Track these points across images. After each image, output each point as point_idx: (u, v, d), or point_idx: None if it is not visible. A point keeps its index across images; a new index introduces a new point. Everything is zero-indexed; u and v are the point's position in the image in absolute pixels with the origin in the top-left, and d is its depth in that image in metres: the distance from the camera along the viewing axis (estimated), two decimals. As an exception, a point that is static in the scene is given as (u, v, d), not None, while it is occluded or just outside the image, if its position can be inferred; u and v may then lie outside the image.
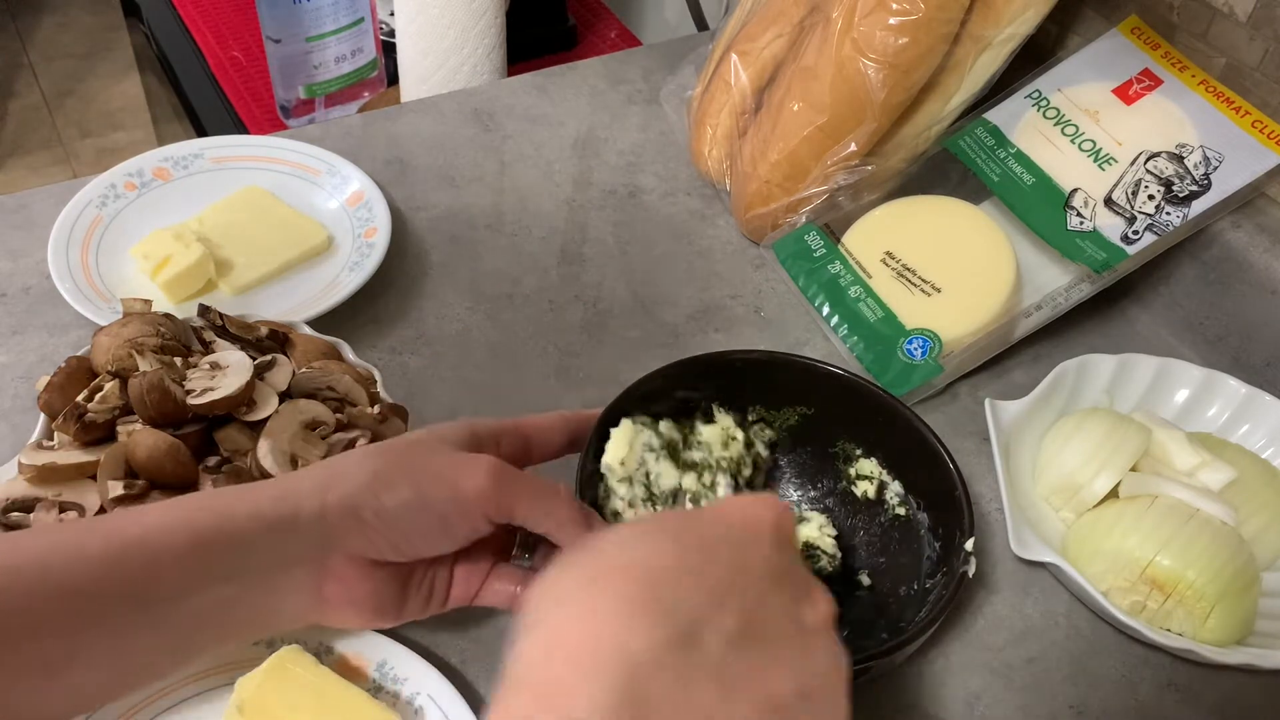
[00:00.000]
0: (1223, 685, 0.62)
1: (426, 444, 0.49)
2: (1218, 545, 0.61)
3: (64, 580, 0.41)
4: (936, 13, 0.74)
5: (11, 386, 0.72)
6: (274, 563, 0.46)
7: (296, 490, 0.46)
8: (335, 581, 0.47)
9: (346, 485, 0.46)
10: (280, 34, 1.14)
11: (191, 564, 0.44)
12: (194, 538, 0.44)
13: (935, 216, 0.80)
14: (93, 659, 0.42)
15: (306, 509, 0.46)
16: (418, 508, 0.47)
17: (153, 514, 0.44)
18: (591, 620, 0.34)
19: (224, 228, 0.81)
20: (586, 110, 0.99)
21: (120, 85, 2.55)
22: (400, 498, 0.46)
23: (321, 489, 0.46)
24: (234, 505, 0.45)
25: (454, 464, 0.48)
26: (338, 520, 0.46)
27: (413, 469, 0.47)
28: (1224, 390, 0.73)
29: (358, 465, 0.47)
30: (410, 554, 0.48)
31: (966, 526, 0.57)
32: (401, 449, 0.48)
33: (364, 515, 0.46)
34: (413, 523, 0.47)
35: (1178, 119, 0.78)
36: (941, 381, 0.75)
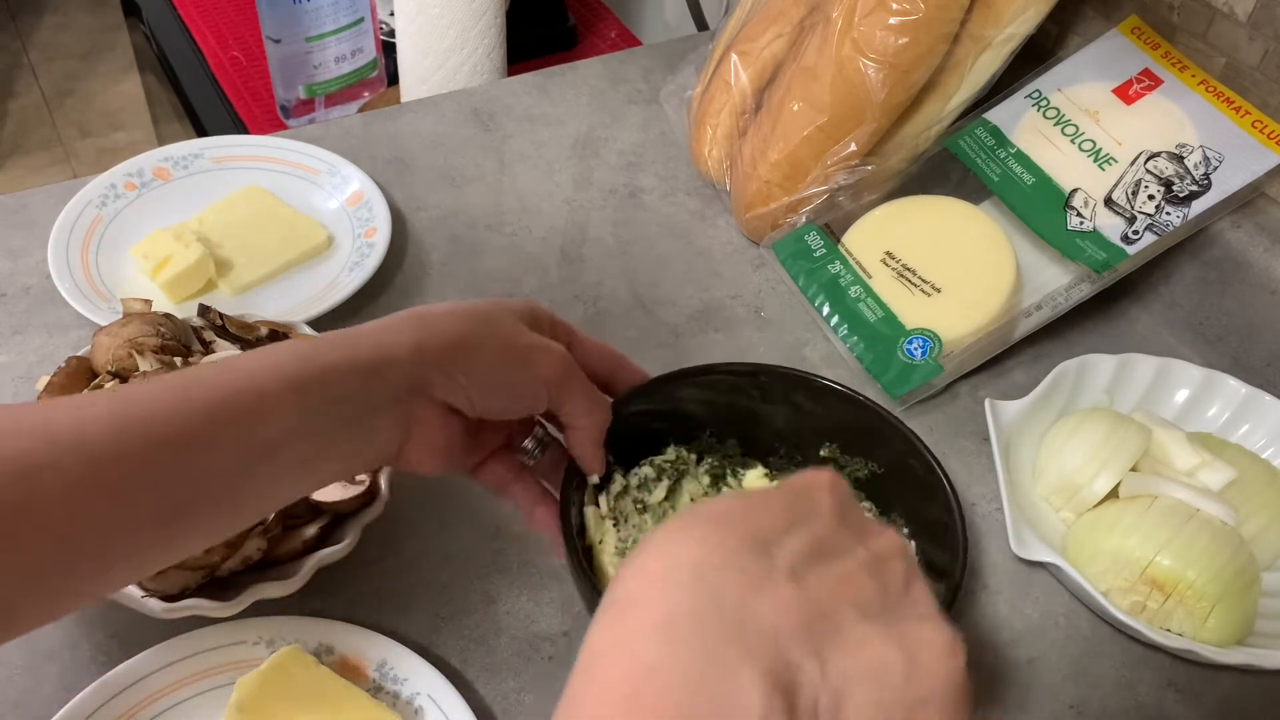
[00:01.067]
0: (1223, 685, 0.62)
1: (506, 318, 0.52)
2: (1218, 545, 0.61)
3: (169, 431, 0.42)
4: (936, 13, 0.74)
5: (11, 386, 0.72)
6: (369, 407, 0.48)
7: (392, 341, 0.48)
8: (419, 426, 0.50)
9: (437, 338, 0.49)
10: (280, 34, 1.14)
11: (292, 409, 0.45)
12: (294, 382, 0.45)
13: (935, 216, 0.80)
14: (205, 506, 0.44)
15: (400, 355, 0.48)
16: (497, 374, 0.51)
17: (253, 363, 0.46)
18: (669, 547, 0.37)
19: (224, 228, 0.81)
20: (586, 110, 0.99)
21: (120, 85, 2.55)
22: (485, 363, 0.50)
23: (416, 341, 0.48)
24: (330, 353, 0.47)
25: (533, 345, 0.51)
26: (428, 371, 0.49)
27: (498, 339, 0.51)
28: (1224, 390, 0.73)
29: (450, 324, 0.50)
30: (481, 412, 0.51)
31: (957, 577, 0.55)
32: (487, 317, 0.51)
33: (453, 372, 0.49)
34: (491, 386, 0.51)
35: (1178, 119, 0.78)
36: (941, 381, 0.75)
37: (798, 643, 0.34)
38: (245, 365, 0.45)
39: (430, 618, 0.61)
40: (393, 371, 0.48)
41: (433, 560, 0.64)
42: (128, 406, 0.42)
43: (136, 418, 0.42)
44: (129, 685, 0.55)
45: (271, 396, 0.44)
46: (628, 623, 0.35)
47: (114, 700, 0.55)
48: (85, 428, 0.40)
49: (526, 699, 0.59)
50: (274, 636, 0.58)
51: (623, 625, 0.35)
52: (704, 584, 0.35)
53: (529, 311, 0.54)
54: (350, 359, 0.47)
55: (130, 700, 0.55)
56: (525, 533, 0.66)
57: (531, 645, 0.61)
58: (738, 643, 0.34)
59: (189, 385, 0.44)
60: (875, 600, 0.37)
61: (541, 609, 0.62)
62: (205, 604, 0.55)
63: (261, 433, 0.44)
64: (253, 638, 0.58)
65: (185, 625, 0.56)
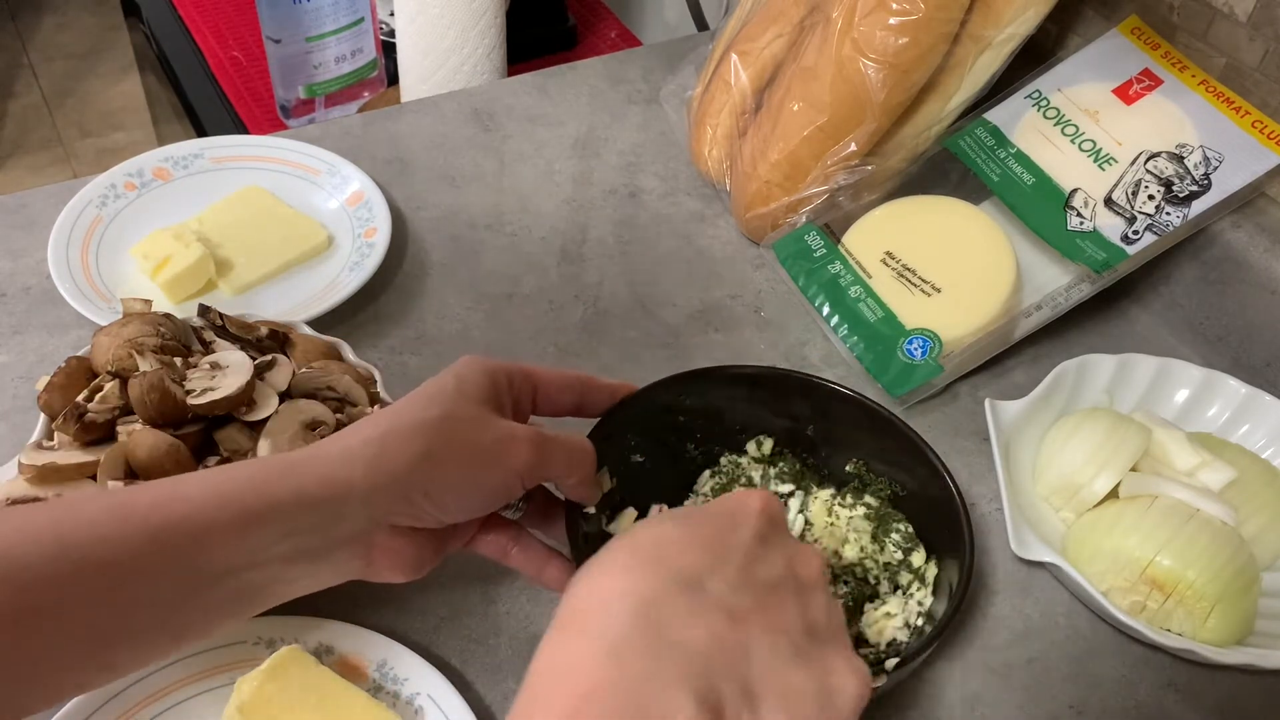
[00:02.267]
0: (1223, 685, 0.62)
1: (465, 415, 0.49)
2: (1218, 545, 0.61)
3: (110, 555, 0.42)
4: (936, 13, 0.74)
5: (11, 386, 0.72)
6: (321, 540, 0.46)
7: (346, 474, 0.46)
8: (380, 550, 0.49)
9: (396, 465, 0.47)
10: (280, 34, 1.13)
11: (237, 542, 0.44)
12: (240, 517, 0.44)
13: (935, 216, 0.80)
14: (140, 630, 0.43)
15: (356, 490, 0.46)
16: (464, 485, 0.49)
17: (196, 489, 0.45)
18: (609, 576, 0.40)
19: (224, 228, 0.81)
20: (586, 110, 0.99)
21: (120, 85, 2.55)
22: (450, 479, 0.48)
23: (370, 472, 0.47)
24: (279, 485, 0.45)
25: (497, 440, 0.49)
26: (385, 502, 0.47)
27: (460, 448, 0.48)
28: (1224, 390, 0.73)
29: (407, 442, 0.47)
30: (451, 521, 0.50)
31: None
32: (445, 426, 0.49)
33: (413, 496, 0.48)
34: (459, 498, 0.49)
35: (1178, 119, 0.78)
36: (941, 381, 0.75)
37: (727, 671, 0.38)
38: (190, 492, 0.44)
39: (430, 618, 0.61)
40: (344, 511, 0.46)
41: (433, 560, 0.64)
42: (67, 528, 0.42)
43: (71, 543, 0.41)
44: (129, 685, 0.55)
45: (216, 528, 0.43)
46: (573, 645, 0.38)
47: (114, 700, 0.55)
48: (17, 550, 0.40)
49: (526, 699, 0.58)
50: (274, 636, 0.58)
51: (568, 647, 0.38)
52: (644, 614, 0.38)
53: (488, 382, 0.51)
54: (299, 494, 0.45)
55: (130, 700, 0.55)
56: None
57: (531, 645, 0.60)
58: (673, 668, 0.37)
59: (131, 509, 0.43)
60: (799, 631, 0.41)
61: (541, 609, 0.62)
62: (205, 604, 0.55)
63: (205, 564, 0.43)
64: (253, 638, 0.58)
65: (185, 625, 0.56)
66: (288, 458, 0.47)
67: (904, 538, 0.62)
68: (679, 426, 0.65)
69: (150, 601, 0.43)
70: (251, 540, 0.44)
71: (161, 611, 0.43)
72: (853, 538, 0.62)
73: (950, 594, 0.57)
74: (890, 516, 0.63)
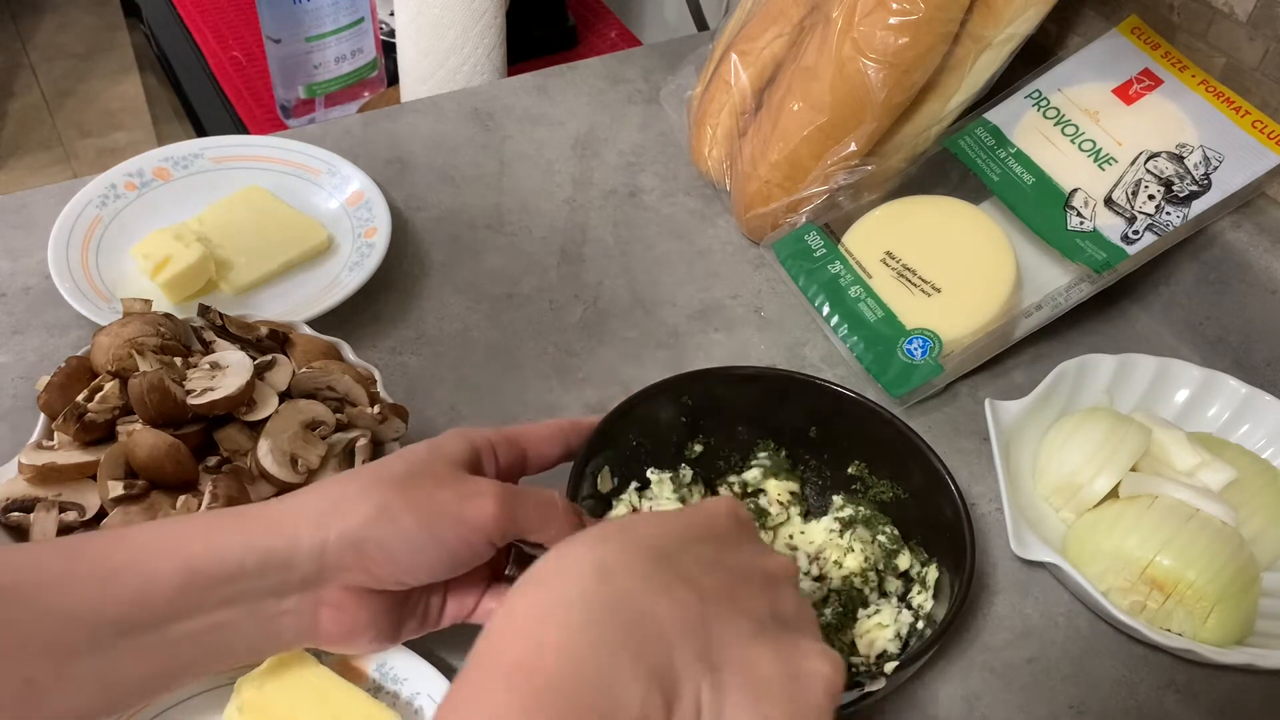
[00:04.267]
0: (1223, 685, 0.62)
1: (430, 472, 0.48)
2: (1218, 545, 0.61)
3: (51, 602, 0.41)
4: (936, 13, 0.74)
5: (11, 386, 0.72)
6: (268, 594, 0.45)
7: (294, 523, 0.45)
8: (331, 609, 0.47)
9: (349, 520, 0.45)
10: (280, 34, 1.14)
11: (182, 593, 0.43)
12: (185, 567, 0.43)
13: (935, 216, 0.80)
14: (80, 682, 0.42)
15: (305, 544, 0.45)
16: (424, 541, 0.46)
17: (142, 538, 0.44)
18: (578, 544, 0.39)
19: (224, 228, 0.81)
20: (586, 110, 0.99)
21: (120, 85, 2.55)
22: (406, 533, 0.46)
23: (321, 523, 0.45)
24: (227, 536, 0.44)
25: (459, 495, 0.47)
26: (337, 555, 0.45)
27: (418, 502, 0.46)
28: (1224, 390, 0.73)
29: (361, 496, 0.46)
30: (411, 583, 0.48)
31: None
32: (404, 479, 0.47)
33: (367, 550, 0.46)
34: (418, 555, 0.47)
35: (1178, 119, 0.78)
36: (941, 381, 0.75)
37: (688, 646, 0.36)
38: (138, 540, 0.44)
39: (430, 618, 0.61)
40: (290, 563, 0.45)
41: (433, 560, 0.64)
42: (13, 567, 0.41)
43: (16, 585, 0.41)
44: (129, 685, 0.55)
45: (159, 577, 0.43)
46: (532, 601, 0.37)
47: (114, 700, 0.55)
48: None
49: (526, 699, 0.58)
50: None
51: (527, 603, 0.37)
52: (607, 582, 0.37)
53: (467, 447, 0.50)
54: (245, 546, 0.44)
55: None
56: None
57: (531, 645, 0.61)
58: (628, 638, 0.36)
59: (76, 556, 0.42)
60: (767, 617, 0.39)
61: (541, 609, 0.62)
62: (205, 604, 0.55)
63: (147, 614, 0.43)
64: (253, 638, 0.57)
65: (185, 625, 0.56)
66: (240, 509, 0.46)
67: (889, 539, 0.62)
68: (680, 427, 0.65)
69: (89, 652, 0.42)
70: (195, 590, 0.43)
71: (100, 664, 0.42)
72: (858, 546, 0.62)
73: (951, 597, 0.57)
74: (876, 519, 0.63)
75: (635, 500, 0.63)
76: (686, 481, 0.64)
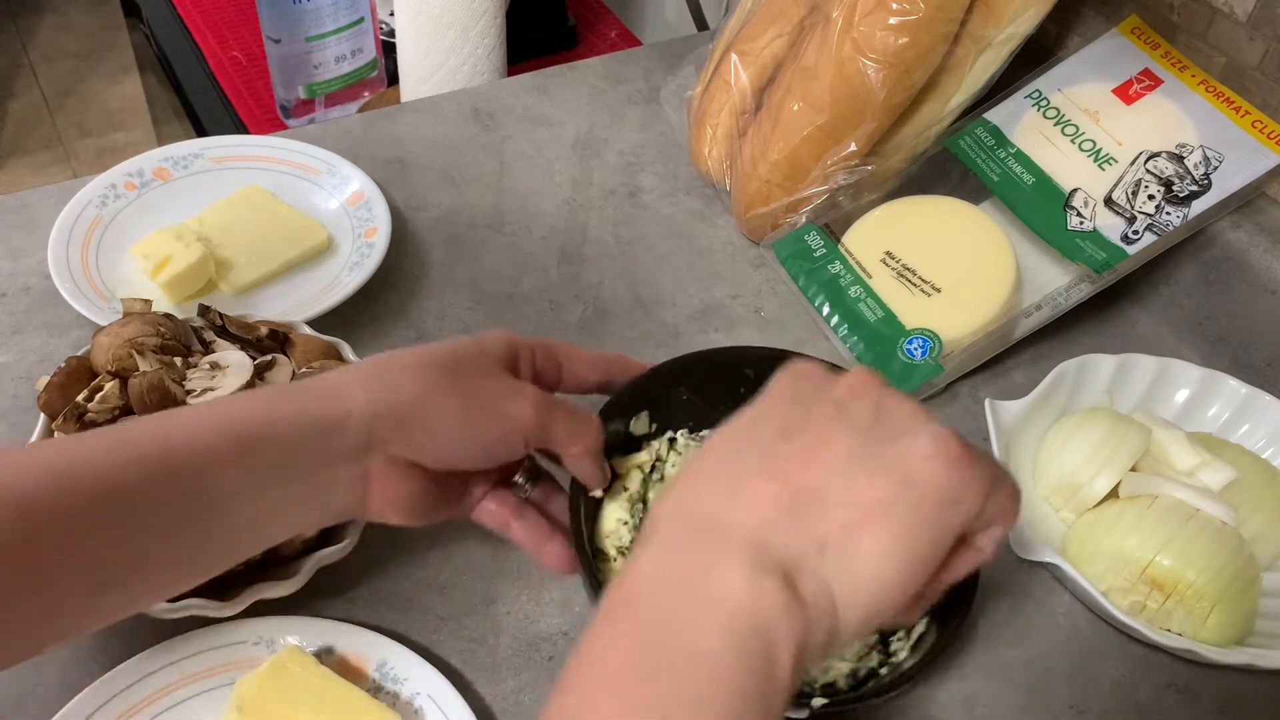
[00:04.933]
0: (1223, 685, 0.62)
1: (475, 364, 0.50)
2: (1218, 545, 0.61)
3: (114, 485, 0.41)
4: (936, 13, 0.74)
5: (11, 386, 0.72)
6: (320, 464, 0.46)
7: (345, 396, 0.46)
8: (378, 482, 0.48)
9: (396, 394, 0.47)
10: (280, 34, 1.13)
11: (239, 469, 0.44)
12: (240, 442, 0.44)
13: (935, 216, 0.80)
14: (147, 564, 0.43)
15: (356, 415, 0.46)
16: (463, 428, 0.48)
17: (196, 418, 0.45)
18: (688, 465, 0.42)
19: (224, 228, 0.81)
20: (586, 110, 0.99)
21: (120, 85, 2.55)
22: (448, 417, 0.48)
23: (371, 397, 0.47)
24: (278, 408, 0.45)
25: (501, 391, 0.49)
26: (385, 428, 0.47)
27: (463, 389, 0.48)
28: (1224, 390, 0.73)
29: (410, 377, 0.48)
30: (448, 466, 0.50)
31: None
32: (452, 366, 0.49)
33: (411, 427, 0.47)
34: (456, 438, 0.48)
35: (1178, 119, 0.78)
36: (941, 381, 0.75)
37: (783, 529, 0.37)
38: (191, 420, 0.44)
39: (430, 618, 0.61)
40: (344, 430, 0.46)
41: (433, 560, 0.64)
42: (67, 462, 0.41)
43: (76, 474, 0.41)
44: (129, 685, 0.55)
45: (217, 454, 0.43)
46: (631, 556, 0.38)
47: (114, 700, 0.55)
48: (24, 484, 0.40)
49: (526, 699, 0.59)
50: (274, 636, 0.58)
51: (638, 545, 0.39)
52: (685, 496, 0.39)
53: (507, 348, 0.52)
54: (298, 416, 0.45)
55: (130, 700, 0.55)
56: (525, 533, 0.66)
57: (531, 645, 0.61)
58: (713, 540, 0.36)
59: (131, 440, 0.43)
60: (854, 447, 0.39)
61: (541, 609, 0.62)
62: (205, 604, 0.55)
63: (207, 491, 0.43)
64: (253, 638, 0.58)
65: (185, 625, 0.56)
66: (288, 385, 0.48)
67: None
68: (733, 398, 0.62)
69: (156, 532, 0.43)
70: (251, 464, 0.44)
71: (167, 542, 0.43)
72: None
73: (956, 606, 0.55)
74: None
75: (664, 450, 0.61)
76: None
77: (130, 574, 0.43)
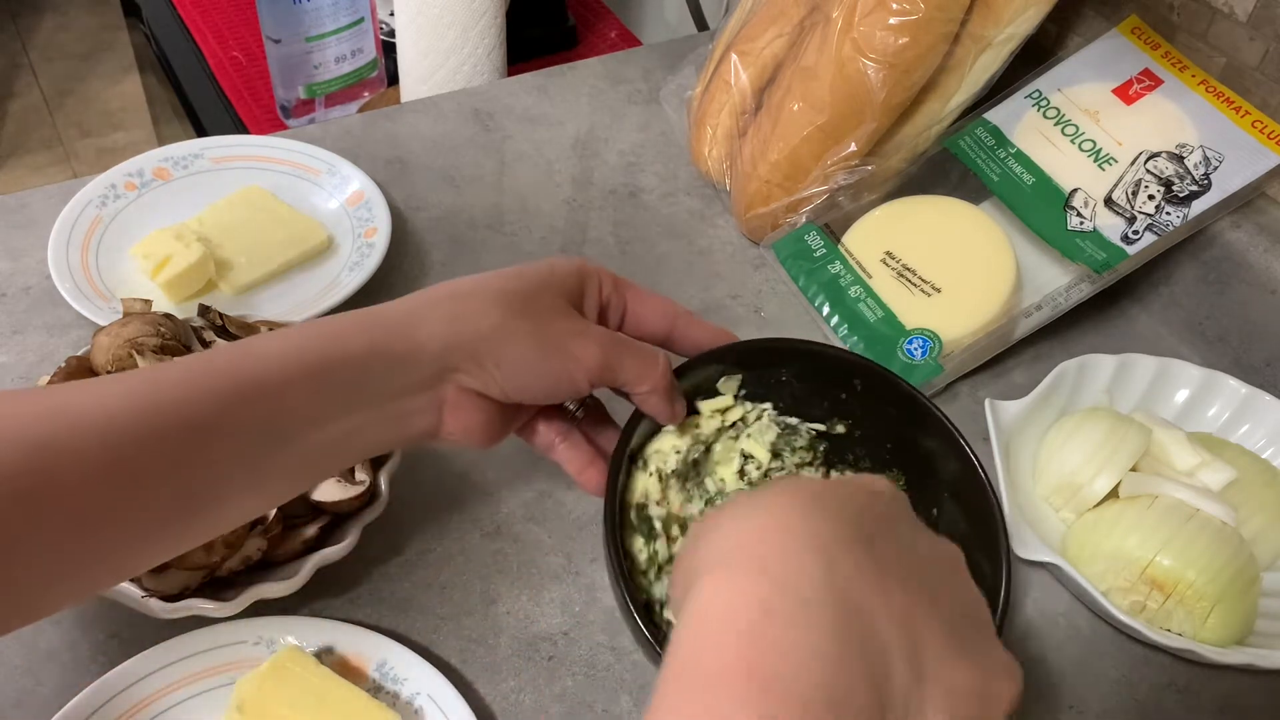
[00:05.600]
0: (1223, 685, 0.62)
1: (545, 300, 0.50)
2: (1218, 545, 0.61)
3: (193, 414, 0.42)
4: (936, 13, 0.74)
5: (11, 386, 0.72)
6: (394, 392, 0.47)
7: (417, 327, 0.47)
8: (450, 410, 0.49)
9: (469, 328, 0.48)
10: (280, 34, 1.14)
11: (314, 397, 0.45)
12: (315, 368, 0.45)
13: (935, 216, 0.80)
14: (228, 489, 0.44)
15: (429, 345, 0.47)
16: (532, 366, 0.49)
17: (272, 346, 0.45)
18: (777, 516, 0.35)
19: (224, 228, 0.81)
20: (586, 110, 0.99)
21: (120, 85, 2.55)
22: (519, 353, 0.48)
23: (444, 330, 0.47)
24: (353, 336, 0.46)
25: (570, 330, 0.50)
26: (457, 359, 0.48)
27: (533, 329, 0.49)
28: (1224, 390, 0.73)
29: (482, 310, 0.48)
30: (515, 398, 0.50)
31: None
32: (523, 301, 0.49)
33: (484, 361, 0.48)
34: (525, 375, 0.49)
35: (1178, 119, 0.78)
36: (941, 381, 0.75)
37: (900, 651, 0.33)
38: (266, 349, 0.45)
39: (430, 618, 0.61)
40: (418, 361, 0.47)
41: (433, 560, 0.64)
42: (148, 391, 0.42)
43: (156, 403, 0.41)
44: (129, 685, 0.55)
45: (293, 383, 0.44)
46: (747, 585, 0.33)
47: (114, 700, 0.55)
48: (107, 411, 0.40)
49: (526, 699, 0.59)
50: (274, 636, 0.58)
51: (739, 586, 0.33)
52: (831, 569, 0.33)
53: (575, 278, 0.52)
54: (373, 346, 0.46)
55: (130, 700, 0.55)
56: (525, 533, 0.66)
57: (531, 645, 0.61)
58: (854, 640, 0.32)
59: (209, 371, 0.43)
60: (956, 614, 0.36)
61: (541, 609, 0.62)
62: (205, 604, 0.55)
63: (283, 419, 0.44)
64: (253, 638, 0.57)
65: (185, 625, 0.56)
66: (364, 311, 0.48)
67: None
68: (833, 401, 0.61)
69: (235, 459, 0.43)
70: (327, 391, 0.45)
71: (247, 470, 0.44)
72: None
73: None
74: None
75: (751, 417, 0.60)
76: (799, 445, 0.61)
77: (209, 502, 0.43)
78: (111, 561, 0.41)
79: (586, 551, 0.65)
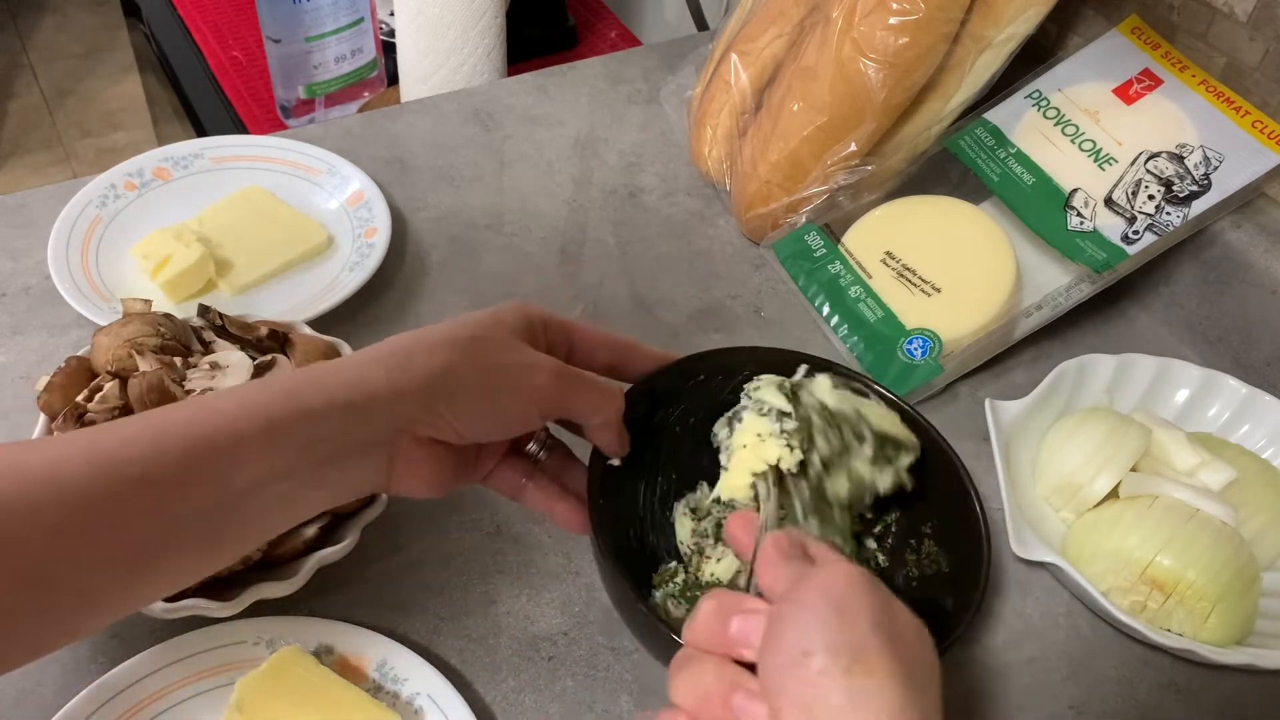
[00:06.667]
0: (1223, 685, 0.62)
1: (492, 338, 0.50)
2: (1218, 545, 0.61)
3: (148, 471, 0.42)
4: (936, 12, 0.74)
5: (11, 386, 0.72)
6: (349, 449, 0.47)
7: (370, 378, 0.47)
8: (402, 460, 0.49)
9: (418, 372, 0.48)
10: (280, 34, 1.13)
11: (267, 452, 0.45)
12: (268, 426, 0.45)
13: (935, 216, 0.80)
14: (181, 545, 0.43)
15: (380, 395, 0.47)
16: (482, 403, 0.49)
17: (227, 403, 0.45)
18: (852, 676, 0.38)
19: (224, 228, 0.81)
20: (586, 110, 0.99)
21: (120, 85, 2.55)
22: (468, 394, 0.48)
23: (392, 379, 0.47)
24: (306, 393, 0.46)
25: (521, 363, 0.50)
26: (409, 407, 0.48)
27: (481, 366, 0.49)
28: (1224, 390, 0.73)
29: (429, 355, 0.48)
30: (470, 437, 0.50)
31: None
32: (469, 342, 0.49)
33: (434, 403, 0.48)
34: (477, 412, 0.49)
35: (1178, 119, 0.78)
36: (941, 381, 0.75)
37: None
38: (221, 406, 0.45)
39: (430, 618, 0.61)
40: (371, 413, 0.47)
41: (433, 560, 0.64)
42: (102, 449, 0.42)
43: (110, 461, 0.41)
44: (129, 685, 0.55)
45: (247, 439, 0.44)
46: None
47: (114, 700, 0.55)
48: (60, 469, 0.40)
49: (526, 699, 0.59)
50: (274, 636, 0.58)
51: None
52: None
53: (522, 319, 0.52)
54: (327, 401, 0.46)
55: (130, 700, 0.55)
56: (525, 533, 0.66)
57: (531, 645, 0.61)
58: None
59: (163, 427, 0.43)
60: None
61: (541, 609, 0.62)
62: (205, 604, 0.55)
63: (237, 475, 0.44)
64: (253, 638, 0.58)
65: (185, 625, 0.56)
66: (315, 368, 0.48)
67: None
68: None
69: (189, 516, 0.43)
70: (280, 448, 0.45)
71: (200, 526, 0.44)
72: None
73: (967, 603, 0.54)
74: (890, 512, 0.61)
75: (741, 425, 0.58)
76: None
77: (162, 559, 0.43)
78: (60, 620, 0.41)
79: (586, 551, 0.65)
